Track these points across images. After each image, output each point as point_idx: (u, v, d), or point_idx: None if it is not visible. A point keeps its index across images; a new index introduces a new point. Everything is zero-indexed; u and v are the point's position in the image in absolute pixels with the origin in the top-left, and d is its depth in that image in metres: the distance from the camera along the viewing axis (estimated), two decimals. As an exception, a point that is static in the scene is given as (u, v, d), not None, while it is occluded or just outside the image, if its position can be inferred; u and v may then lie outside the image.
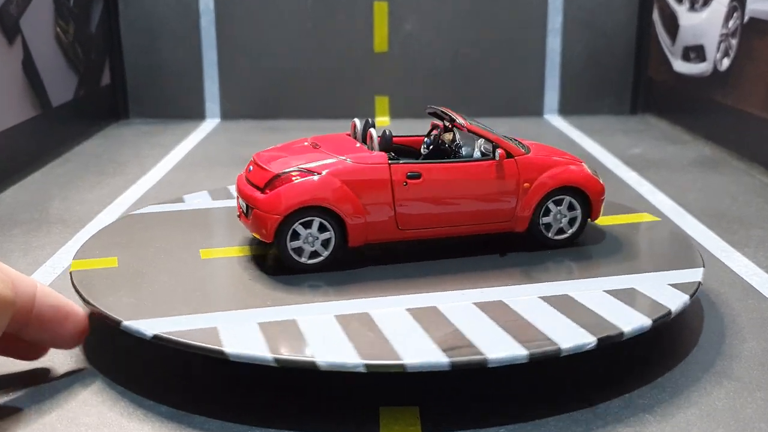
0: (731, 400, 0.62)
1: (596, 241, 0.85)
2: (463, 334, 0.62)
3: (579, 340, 0.61)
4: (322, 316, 0.66)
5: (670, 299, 0.69)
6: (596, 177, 0.84)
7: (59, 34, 1.61)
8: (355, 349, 0.60)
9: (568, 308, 0.67)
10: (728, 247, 0.99)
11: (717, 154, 1.52)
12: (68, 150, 1.59)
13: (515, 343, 0.61)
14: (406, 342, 0.61)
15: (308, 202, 0.75)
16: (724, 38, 1.56)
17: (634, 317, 0.65)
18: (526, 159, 0.81)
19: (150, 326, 0.64)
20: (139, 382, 0.66)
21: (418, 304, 0.69)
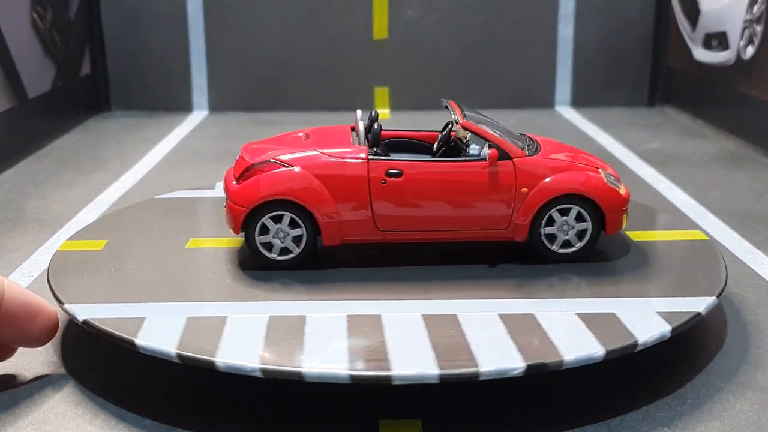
0: (756, 413, 0.62)
1: (610, 257, 0.81)
2: (385, 347, 0.62)
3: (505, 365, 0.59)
4: (257, 316, 0.68)
5: (644, 329, 0.64)
6: (614, 186, 0.79)
7: (36, 20, 1.61)
8: (263, 351, 0.62)
9: (524, 329, 0.65)
10: (752, 249, 0.99)
11: (740, 149, 1.52)
12: (45, 145, 1.59)
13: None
14: (315, 347, 0.62)
15: (274, 195, 0.77)
16: (748, 24, 1.56)
17: (587, 345, 0.62)
18: (525, 161, 0.78)
19: (85, 311, 0.68)
20: (121, 393, 0.66)
21: (360, 311, 0.69)
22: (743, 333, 0.75)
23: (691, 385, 0.66)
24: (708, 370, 0.69)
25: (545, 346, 0.62)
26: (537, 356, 0.60)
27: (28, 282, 0.89)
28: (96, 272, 0.77)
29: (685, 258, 0.83)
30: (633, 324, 0.65)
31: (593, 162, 0.82)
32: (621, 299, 0.71)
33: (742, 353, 0.71)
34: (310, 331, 0.65)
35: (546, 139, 0.86)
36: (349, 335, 0.64)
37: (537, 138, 0.86)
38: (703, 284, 0.74)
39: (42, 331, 0.66)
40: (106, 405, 0.64)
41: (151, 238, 0.86)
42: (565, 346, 0.62)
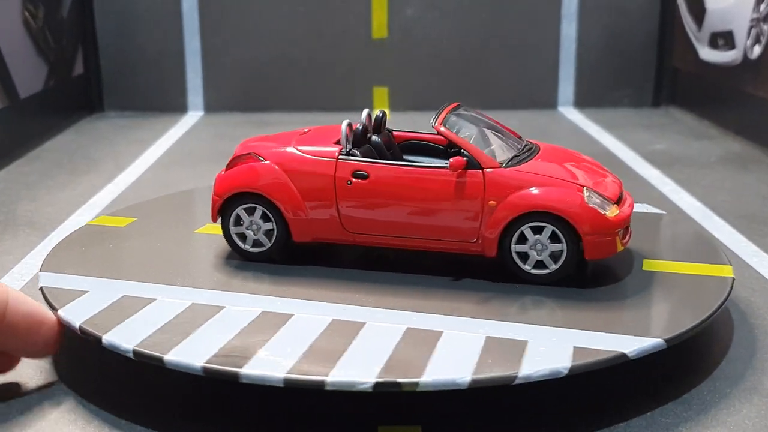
0: (763, 419, 0.62)
1: (601, 283, 0.76)
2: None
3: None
4: (179, 302, 0.71)
5: (537, 364, 0.60)
6: (597, 207, 0.73)
7: (27, 19, 1.61)
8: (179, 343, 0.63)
9: (419, 345, 0.64)
10: (759, 252, 0.99)
11: (747, 151, 1.53)
12: (37, 146, 1.59)
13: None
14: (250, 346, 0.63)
15: (243, 188, 0.80)
16: (755, 23, 1.57)
17: (459, 370, 0.59)
18: (497, 172, 0.75)
19: (51, 280, 0.75)
20: (113, 399, 0.66)
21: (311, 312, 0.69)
22: (750, 337, 0.76)
23: (697, 390, 0.66)
24: (714, 375, 0.69)
25: (418, 363, 0.60)
26: (395, 374, 0.59)
27: (19, 286, 0.89)
28: (97, 247, 0.85)
29: (667, 292, 0.75)
30: (532, 357, 0.61)
31: (590, 177, 0.77)
32: (547, 328, 0.66)
33: (749, 358, 0.72)
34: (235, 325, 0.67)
35: (550, 147, 0.83)
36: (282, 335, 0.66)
37: (542, 145, 0.83)
38: (657, 323, 0.69)
39: (46, 342, 0.66)
40: (98, 412, 0.64)
41: (171, 221, 0.94)
42: (438, 368, 0.59)
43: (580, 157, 0.84)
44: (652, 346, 0.63)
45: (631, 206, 0.78)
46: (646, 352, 0.63)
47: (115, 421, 0.63)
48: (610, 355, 0.61)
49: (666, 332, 0.65)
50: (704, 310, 0.69)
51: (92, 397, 0.66)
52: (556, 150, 0.83)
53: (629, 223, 0.77)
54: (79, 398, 0.66)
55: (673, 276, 0.77)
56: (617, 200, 0.77)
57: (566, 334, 0.65)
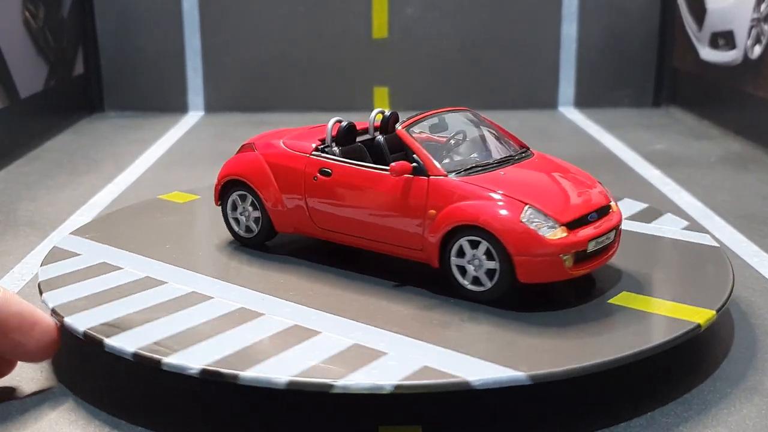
0: (763, 418, 0.62)
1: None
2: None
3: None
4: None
5: (352, 375, 0.59)
6: (534, 227, 0.69)
7: (28, 19, 1.61)
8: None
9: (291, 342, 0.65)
10: (759, 252, 0.99)
11: (747, 151, 1.53)
12: (38, 146, 1.60)
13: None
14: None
15: (232, 175, 0.86)
16: (755, 23, 1.57)
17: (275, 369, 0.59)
18: (441, 182, 0.73)
19: (64, 242, 0.86)
20: (113, 401, 0.66)
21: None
22: (750, 337, 0.76)
23: (698, 390, 0.66)
24: (715, 375, 0.69)
25: (260, 357, 0.61)
26: (228, 365, 0.60)
27: (20, 286, 0.89)
28: (131, 222, 0.93)
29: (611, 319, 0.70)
30: (372, 368, 0.60)
31: (557, 195, 0.73)
32: (423, 344, 0.64)
33: (750, 358, 0.72)
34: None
35: (541, 158, 0.80)
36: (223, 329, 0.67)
37: (537, 155, 0.80)
38: (542, 358, 0.63)
39: (39, 344, 0.65)
40: (98, 413, 0.64)
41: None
42: (272, 365, 0.60)
43: (569, 171, 0.79)
44: (506, 379, 0.59)
45: (605, 228, 0.72)
46: (494, 384, 0.58)
47: (115, 422, 0.63)
48: (450, 380, 0.58)
49: (537, 368, 0.59)
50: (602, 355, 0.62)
51: (92, 398, 0.66)
52: (544, 162, 0.79)
53: (585, 248, 0.70)
54: (79, 399, 0.66)
55: (634, 313, 0.70)
56: (580, 221, 0.71)
57: (434, 354, 0.62)
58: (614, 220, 0.75)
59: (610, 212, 0.76)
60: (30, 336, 0.64)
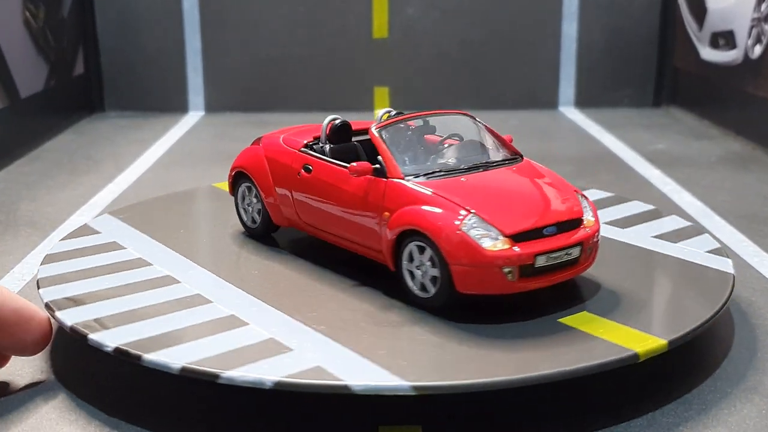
0: (764, 418, 0.62)
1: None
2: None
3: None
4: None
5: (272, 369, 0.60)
6: (473, 236, 0.67)
7: (28, 18, 1.61)
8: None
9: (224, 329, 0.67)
10: (760, 252, 0.99)
11: (747, 151, 1.53)
12: (38, 146, 1.60)
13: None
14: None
15: (238, 167, 0.89)
16: (756, 23, 1.57)
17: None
18: (397, 185, 0.72)
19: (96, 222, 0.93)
20: (113, 401, 0.66)
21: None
22: (751, 337, 0.76)
23: (698, 390, 0.66)
24: (715, 375, 0.69)
25: (174, 343, 0.64)
26: (143, 347, 0.63)
27: (20, 286, 0.89)
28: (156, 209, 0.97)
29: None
30: (267, 362, 0.61)
31: (516, 205, 0.71)
32: (334, 345, 0.64)
33: (750, 358, 0.72)
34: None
35: (524, 166, 0.77)
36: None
37: (524, 163, 0.78)
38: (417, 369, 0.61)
39: (35, 339, 0.66)
40: (97, 414, 0.64)
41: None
42: (179, 351, 0.62)
43: (545, 182, 0.75)
44: (388, 387, 0.58)
45: (563, 243, 0.69)
46: (374, 391, 0.58)
47: (115, 423, 0.63)
48: (331, 382, 0.58)
49: (425, 379, 0.59)
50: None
51: (92, 398, 0.66)
52: (523, 170, 0.76)
53: (532, 262, 0.67)
54: (78, 400, 0.66)
55: (577, 334, 0.66)
56: (531, 234, 0.68)
57: (337, 355, 0.62)
58: (580, 235, 0.70)
59: (579, 227, 0.71)
60: (27, 331, 0.66)
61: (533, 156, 0.82)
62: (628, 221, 0.93)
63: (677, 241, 0.86)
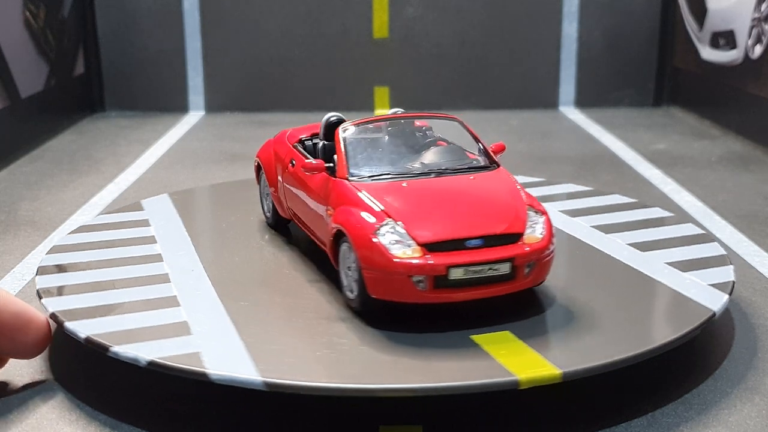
0: (764, 418, 0.62)
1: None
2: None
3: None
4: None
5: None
6: (385, 243, 0.66)
7: (28, 18, 1.61)
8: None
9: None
10: (760, 251, 0.99)
11: (748, 151, 1.53)
12: (39, 146, 1.60)
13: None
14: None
15: (256, 158, 0.93)
16: (756, 23, 1.57)
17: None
18: (339, 183, 0.73)
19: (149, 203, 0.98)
20: (113, 403, 0.66)
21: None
22: (751, 337, 0.76)
23: (698, 390, 0.66)
24: (715, 375, 0.69)
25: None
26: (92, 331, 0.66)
27: (20, 286, 0.89)
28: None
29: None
30: (157, 343, 0.64)
31: (447, 213, 0.69)
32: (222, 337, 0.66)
33: (750, 358, 0.72)
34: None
35: (490, 176, 0.75)
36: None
37: (496, 171, 0.75)
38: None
39: (34, 342, 0.66)
40: (97, 415, 0.64)
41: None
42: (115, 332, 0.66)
43: (498, 193, 0.72)
44: (241, 380, 0.59)
45: (486, 258, 0.66)
46: (230, 382, 0.60)
47: (115, 424, 0.63)
48: (192, 367, 0.60)
49: (280, 377, 0.59)
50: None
51: (92, 399, 0.66)
52: (482, 180, 0.74)
53: (445, 273, 0.65)
54: (76, 400, 0.66)
55: (477, 353, 0.63)
56: (450, 245, 0.66)
57: (226, 345, 0.64)
58: (511, 251, 0.67)
59: (514, 243, 0.68)
60: (26, 334, 0.65)
61: (533, 156, 0.82)
62: (646, 245, 0.86)
63: (686, 271, 0.78)
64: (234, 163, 1.43)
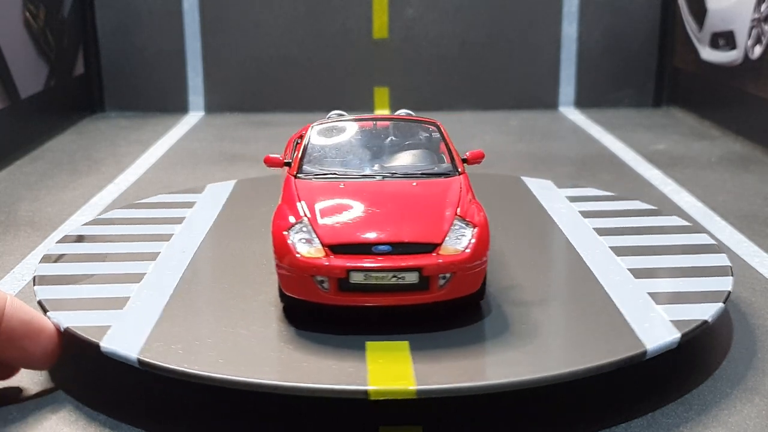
0: (764, 419, 0.62)
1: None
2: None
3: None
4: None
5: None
6: (292, 241, 0.66)
7: (28, 19, 1.61)
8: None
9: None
10: (760, 252, 0.99)
11: (748, 151, 1.53)
12: (38, 146, 1.60)
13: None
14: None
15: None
16: (756, 23, 1.57)
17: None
18: (287, 178, 0.75)
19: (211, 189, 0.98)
20: (113, 404, 0.66)
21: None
22: (751, 338, 0.76)
23: (698, 391, 0.66)
24: (715, 375, 0.69)
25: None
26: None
27: (20, 287, 0.89)
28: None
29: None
30: (90, 313, 0.68)
31: (369, 216, 0.68)
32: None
33: (750, 358, 0.72)
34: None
35: (438, 184, 0.73)
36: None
37: (451, 180, 0.74)
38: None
39: (44, 352, 0.65)
40: (96, 416, 0.64)
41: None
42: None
43: (430, 201, 0.71)
44: (120, 355, 0.63)
45: (390, 266, 0.65)
46: (113, 356, 0.63)
47: (115, 425, 0.63)
48: (88, 337, 0.64)
49: (156, 358, 0.62)
50: None
51: (92, 400, 0.66)
52: (428, 186, 0.73)
53: (345, 276, 0.65)
54: (76, 402, 0.66)
55: (354, 357, 0.63)
56: (355, 248, 0.66)
57: (138, 324, 0.67)
58: (420, 261, 0.65)
59: (427, 253, 0.66)
60: (36, 344, 0.64)
61: (533, 157, 0.82)
62: (658, 262, 0.82)
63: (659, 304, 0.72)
64: (234, 164, 1.43)
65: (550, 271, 0.82)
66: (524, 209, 1.00)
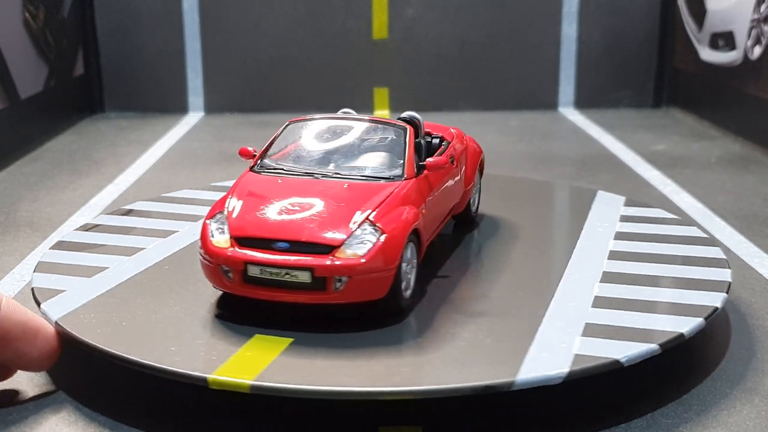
0: (763, 419, 0.62)
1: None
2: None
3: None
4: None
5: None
6: (208, 228, 0.70)
7: (28, 19, 1.61)
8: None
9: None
10: (760, 252, 0.99)
11: (747, 151, 1.53)
12: (38, 147, 1.60)
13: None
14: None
15: None
16: (755, 24, 1.57)
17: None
18: (245, 172, 0.78)
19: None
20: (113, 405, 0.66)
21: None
22: (750, 338, 0.76)
23: (697, 391, 0.66)
24: (714, 376, 0.69)
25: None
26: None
27: (19, 287, 0.89)
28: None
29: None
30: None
31: (261, 210, 0.70)
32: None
33: (749, 359, 0.72)
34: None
35: (371, 187, 0.73)
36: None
37: (381, 186, 0.73)
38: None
39: (41, 354, 0.64)
40: (96, 416, 0.64)
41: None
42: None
43: (352, 204, 0.70)
44: (80, 340, 0.65)
45: (285, 263, 0.66)
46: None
47: (114, 425, 0.63)
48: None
49: (104, 343, 0.65)
50: None
51: (91, 402, 0.66)
52: (359, 188, 0.72)
53: (242, 268, 0.66)
54: (76, 403, 0.66)
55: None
56: (258, 242, 0.67)
57: (88, 306, 0.71)
58: (311, 261, 0.66)
59: (322, 255, 0.66)
60: (33, 345, 0.64)
61: (533, 157, 0.82)
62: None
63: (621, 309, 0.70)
64: (233, 164, 1.43)
65: (515, 285, 0.76)
66: (559, 222, 0.98)
